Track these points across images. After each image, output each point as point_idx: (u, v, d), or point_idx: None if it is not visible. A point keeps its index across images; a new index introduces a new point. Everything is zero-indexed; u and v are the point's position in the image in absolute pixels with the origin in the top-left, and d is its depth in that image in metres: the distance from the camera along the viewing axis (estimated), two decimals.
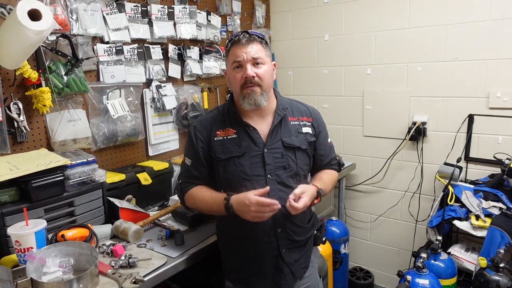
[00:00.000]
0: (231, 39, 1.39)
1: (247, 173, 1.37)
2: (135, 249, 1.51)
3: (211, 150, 1.41)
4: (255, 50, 1.36)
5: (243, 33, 1.38)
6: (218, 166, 1.41)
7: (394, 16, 2.53)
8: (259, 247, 1.40)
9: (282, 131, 1.43)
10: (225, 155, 1.39)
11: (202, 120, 1.48)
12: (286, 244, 1.42)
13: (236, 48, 1.36)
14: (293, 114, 1.49)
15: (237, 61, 1.36)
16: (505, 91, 2.20)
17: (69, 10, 1.77)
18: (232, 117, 1.44)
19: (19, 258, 1.28)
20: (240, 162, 1.38)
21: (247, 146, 1.39)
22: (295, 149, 1.43)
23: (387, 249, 2.87)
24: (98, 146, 1.94)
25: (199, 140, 1.44)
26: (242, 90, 1.37)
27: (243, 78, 1.36)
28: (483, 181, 2.27)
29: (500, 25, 2.18)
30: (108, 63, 1.95)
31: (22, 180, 1.41)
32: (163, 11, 2.18)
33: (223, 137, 1.41)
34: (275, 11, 3.08)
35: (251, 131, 1.41)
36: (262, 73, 1.37)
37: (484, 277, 1.77)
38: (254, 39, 1.37)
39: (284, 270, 1.43)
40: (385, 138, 2.70)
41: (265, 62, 1.39)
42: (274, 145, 1.40)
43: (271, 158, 1.39)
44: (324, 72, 2.91)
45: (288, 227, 1.42)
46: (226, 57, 1.44)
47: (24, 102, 1.65)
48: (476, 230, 1.97)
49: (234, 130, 1.42)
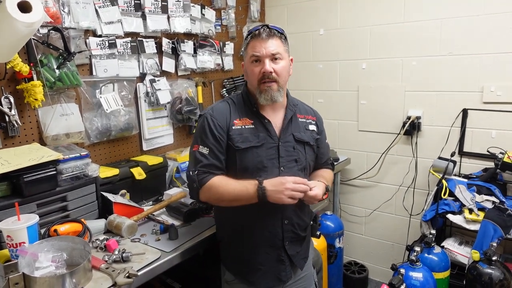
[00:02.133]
0: (251, 32, 1.40)
1: (264, 163, 1.39)
2: (128, 244, 1.50)
3: (229, 138, 1.40)
4: (275, 45, 1.37)
5: (263, 27, 1.38)
6: (234, 155, 1.39)
7: (389, 11, 2.52)
8: (263, 238, 1.42)
9: (293, 126, 1.48)
10: (244, 144, 1.39)
11: (217, 108, 1.46)
12: (290, 237, 1.45)
13: (255, 42, 1.37)
14: (301, 112, 1.55)
15: (256, 55, 1.37)
16: (499, 85, 2.21)
17: (60, 2, 1.74)
18: (248, 108, 1.45)
19: (11, 253, 1.26)
20: (258, 152, 1.39)
21: (264, 138, 1.41)
22: (305, 144, 1.48)
23: (381, 243, 2.88)
24: (92, 141, 1.92)
25: (218, 127, 1.40)
26: (260, 85, 1.39)
27: (261, 73, 1.37)
28: (476, 175, 2.29)
29: (495, 20, 2.18)
30: (101, 57, 1.93)
31: (14, 175, 1.39)
32: (157, 4, 2.16)
33: (241, 126, 1.41)
34: (270, 5, 3.07)
35: (266, 123, 1.43)
36: (279, 69, 1.38)
37: (477, 270, 1.79)
38: (274, 34, 1.38)
39: (285, 262, 1.46)
40: (380, 132, 2.71)
41: (283, 58, 1.40)
42: (287, 138, 1.44)
43: (284, 151, 1.42)
44: (319, 67, 2.90)
45: (294, 220, 1.45)
46: (244, 49, 1.45)
47: (16, 96, 1.63)
48: (469, 223, 1.98)
49: (251, 120, 1.43)
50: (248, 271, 1.46)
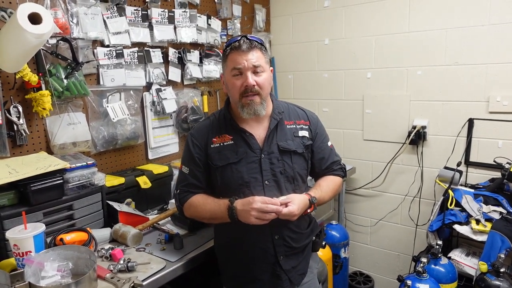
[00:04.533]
0: (230, 44, 1.36)
1: (244, 179, 1.37)
2: (134, 253, 1.50)
3: (208, 158, 1.41)
4: (256, 57, 1.33)
5: (243, 38, 1.34)
6: (215, 173, 1.41)
7: (394, 20, 2.53)
8: (256, 254, 1.40)
9: (278, 135, 1.43)
10: (221, 162, 1.39)
11: (199, 127, 1.48)
12: (283, 251, 1.41)
13: (236, 55, 1.33)
14: (290, 118, 1.48)
15: (238, 68, 1.33)
16: (505, 95, 2.20)
17: (69, 13, 1.77)
18: (228, 123, 1.43)
19: (18, 262, 1.27)
20: (237, 168, 1.37)
21: (244, 152, 1.38)
22: (291, 153, 1.42)
23: (387, 254, 2.85)
24: (98, 150, 1.94)
25: (196, 147, 1.43)
26: (241, 98, 1.36)
27: (243, 86, 1.33)
28: (483, 185, 2.27)
29: (500, 29, 2.18)
30: (108, 67, 1.95)
31: (21, 184, 1.40)
32: (164, 15, 2.19)
33: (219, 144, 1.40)
34: (275, 15, 3.09)
35: (247, 136, 1.40)
36: (262, 81, 1.35)
37: (484, 282, 1.76)
38: (255, 46, 1.34)
39: (281, 277, 1.41)
40: (385, 142, 2.70)
41: (265, 70, 1.37)
42: (271, 149, 1.40)
43: (268, 164, 1.38)
44: (324, 76, 2.91)
45: (285, 234, 1.41)
46: (223, 62, 1.40)
47: (24, 106, 1.65)
48: (476, 234, 1.96)
49: (230, 136, 1.41)
50: (245, 285, 1.44)
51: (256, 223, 1.25)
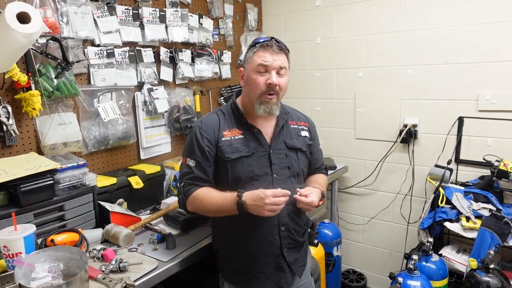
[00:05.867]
0: (260, 42, 1.40)
1: (255, 172, 1.40)
2: (126, 254, 1.50)
3: (219, 150, 1.41)
4: (282, 60, 1.39)
5: (273, 40, 1.40)
6: (225, 166, 1.41)
7: (385, 20, 2.55)
8: (262, 246, 1.43)
9: (285, 134, 1.50)
10: (234, 155, 1.40)
11: (206, 121, 1.47)
12: (287, 243, 1.45)
13: (265, 52, 1.37)
14: (293, 119, 1.57)
15: (265, 65, 1.37)
16: (494, 93, 2.23)
17: (59, 13, 1.75)
18: (237, 119, 1.47)
19: (8, 264, 1.26)
20: (248, 162, 1.41)
21: (255, 147, 1.42)
22: (297, 150, 1.50)
23: (379, 251, 2.88)
24: (89, 150, 1.92)
25: (205, 140, 1.42)
26: (262, 95, 1.39)
27: (266, 84, 1.37)
28: (473, 183, 2.30)
29: (489, 29, 2.21)
30: (99, 66, 1.94)
31: (11, 185, 1.39)
32: (155, 14, 2.18)
33: (230, 137, 1.43)
34: (267, 14, 3.09)
35: (256, 133, 1.45)
36: (283, 83, 1.40)
37: (474, 278, 1.79)
38: (283, 50, 1.40)
39: (285, 269, 1.46)
40: (376, 140, 2.72)
41: (287, 74, 1.43)
42: (278, 146, 1.46)
43: (276, 158, 1.44)
44: (316, 75, 2.92)
45: (291, 226, 1.46)
46: (249, 57, 1.42)
47: (13, 106, 1.63)
48: (466, 231, 1.98)
49: (240, 131, 1.45)
50: (248, 280, 1.46)
51: (269, 215, 1.30)
